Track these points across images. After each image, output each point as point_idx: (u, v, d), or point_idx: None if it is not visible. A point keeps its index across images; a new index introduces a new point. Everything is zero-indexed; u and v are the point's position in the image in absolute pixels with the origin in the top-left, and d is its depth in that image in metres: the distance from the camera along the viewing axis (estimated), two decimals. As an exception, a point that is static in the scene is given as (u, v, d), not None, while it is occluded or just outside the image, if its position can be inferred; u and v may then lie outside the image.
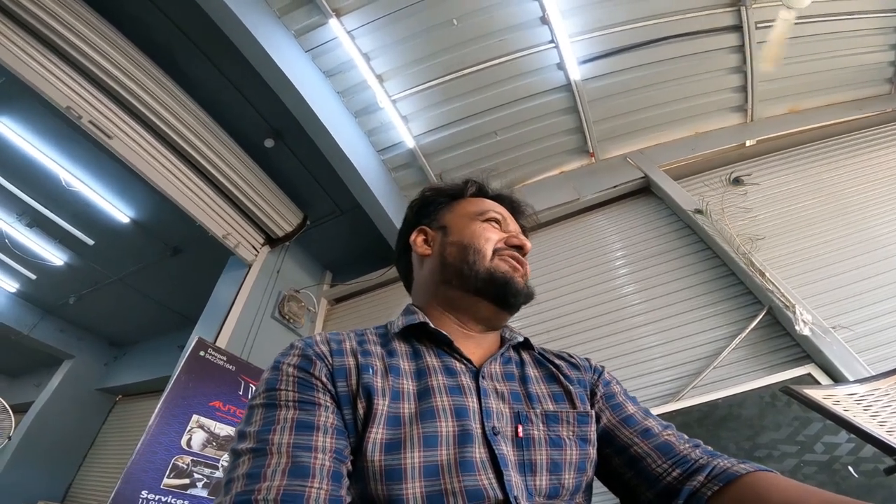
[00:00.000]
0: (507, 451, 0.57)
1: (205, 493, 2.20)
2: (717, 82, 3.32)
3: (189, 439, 2.28)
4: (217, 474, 2.28)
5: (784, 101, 3.41)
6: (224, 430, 2.44)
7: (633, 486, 0.64)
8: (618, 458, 0.66)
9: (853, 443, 1.76)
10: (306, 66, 2.97)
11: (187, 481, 2.19)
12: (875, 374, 1.69)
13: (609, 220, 3.35)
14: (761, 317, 2.41)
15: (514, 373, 0.71)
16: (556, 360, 0.77)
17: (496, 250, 0.75)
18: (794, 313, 2.25)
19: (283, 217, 3.80)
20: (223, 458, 2.35)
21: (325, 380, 0.58)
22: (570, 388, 0.71)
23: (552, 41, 3.00)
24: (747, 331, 2.39)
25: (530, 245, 0.79)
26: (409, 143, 3.48)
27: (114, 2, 2.66)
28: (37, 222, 4.08)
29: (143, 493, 2.03)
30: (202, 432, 2.36)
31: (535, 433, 0.61)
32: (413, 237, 0.85)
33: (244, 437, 0.53)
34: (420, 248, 0.82)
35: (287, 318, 3.61)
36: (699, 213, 2.85)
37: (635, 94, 3.34)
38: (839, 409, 1.15)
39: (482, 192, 0.89)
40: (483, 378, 0.65)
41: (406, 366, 0.65)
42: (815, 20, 2.98)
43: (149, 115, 2.94)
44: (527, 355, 0.77)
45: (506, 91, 3.27)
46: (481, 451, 0.56)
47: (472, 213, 0.82)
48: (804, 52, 3.14)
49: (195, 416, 2.36)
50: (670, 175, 3.25)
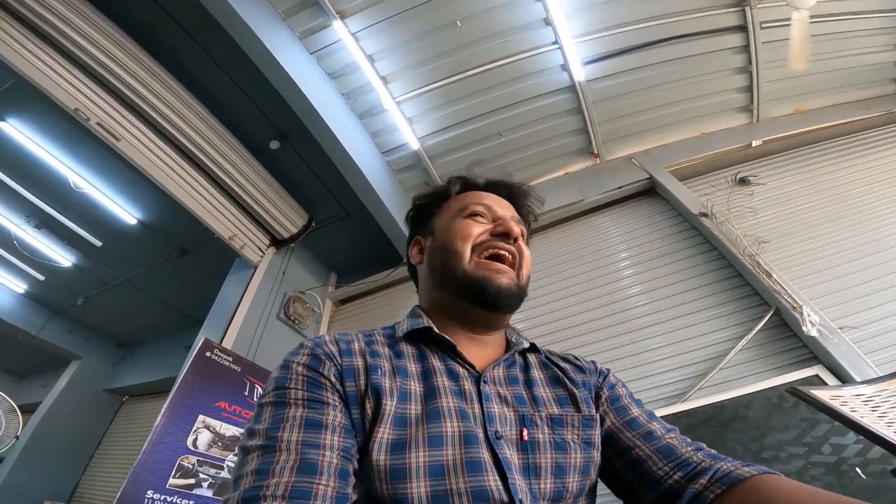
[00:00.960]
0: (510, 454, 0.58)
1: (210, 493, 2.21)
2: (723, 83, 3.31)
3: (195, 439, 2.29)
4: (223, 474, 2.29)
5: (790, 102, 3.40)
6: (230, 430, 2.45)
7: (635, 488, 0.64)
8: (620, 461, 0.66)
9: (861, 444, 1.75)
10: (311, 68, 2.99)
11: (192, 481, 2.20)
12: (883, 374, 1.67)
13: (614, 221, 3.34)
14: (768, 318, 2.39)
15: (517, 376, 0.71)
16: (562, 363, 0.77)
17: (476, 246, 0.73)
18: (802, 314, 2.23)
19: (289, 218, 3.82)
20: (228, 458, 2.35)
21: (333, 379, 0.59)
22: (576, 391, 0.71)
23: (556, 42, 3.00)
24: (754, 332, 2.38)
25: (518, 228, 0.75)
26: (414, 145, 3.49)
27: (121, 5, 2.69)
28: (45, 224, 4.12)
29: (148, 492, 2.04)
30: (208, 432, 2.36)
31: (540, 437, 0.62)
32: (410, 249, 0.87)
33: (253, 435, 0.54)
34: (414, 259, 0.84)
35: (292, 319, 3.62)
36: (704, 216, 2.83)
37: (640, 95, 3.34)
38: (847, 411, 1.14)
39: (468, 186, 0.86)
40: (485, 383, 0.65)
41: (413, 367, 0.66)
42: (821, 20, 2.96)
43: (156, 118, 2.96)
44: (532, 358, 0.77)
45: (510, 92, 3.27)
46: (485, 455, 0.56)
47: (456, 212, 0.80)
48: (810, 52, 3.12)
49: (201, 417, 2.37)
50: (676, 176, 3.24)
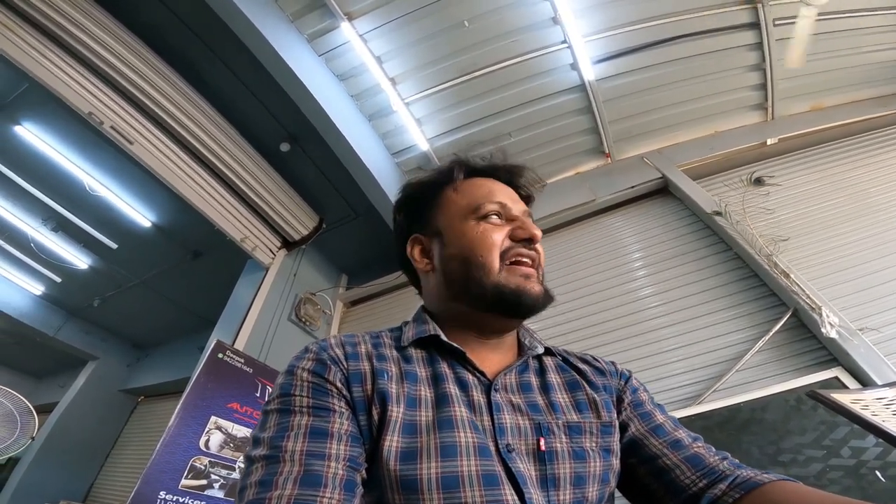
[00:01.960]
0: (524, 468, 0.56)
1: (221, 494, 2.22)
2: (736, 80, 3.25)
3: (207, 440, 2.31)
4: (234, 475, 2.30)
5: (806, 99, 3.33)
6: (241, 431, 2.46)
7: (659, 497, 0.62)
8: (643, 468, 0.64)
9: (881, 447, 1.71)
10: (320, 70, 3.00)
11: (204, 482, 2.21)
12: (906, 377, 1.63)
13: (626, 221, 3.30)
14: (786, 319, 2.34)
15: (532, 382, 0.68)
16: (580, 365, 0.74)
17: (503, 254, 0.67)
18: (821, 315, 2.18)
19: (300, 220, 3.84)
20: (240, 459, 2.37)
21: (339, 385, 0.57)
22: (595, 396, 0.68)
23: (565, 41, 2.98)
24: (771, 333, 2.33)
25: (540, 233, 0.70)
26: (424, 146, 3.49)
27: (133, 9, 2.72)
28: (62, 227, 4.20)
29: (161, 493, 2.05)
30: (220, 433, 2.38)
31: (558, 445, 0.59)
32: (409, 250, 0.77)
33: (258, 444, 0.53)
34: (420, 265, 0.75)
35: (303, 320, 3.64)
36: (718, 214, 2.79)
37: (651, 94, 3.29)
38: (867, 414, 1.11)
39: (472, 172, 0.78)
40: (496, 391, 0.62)
41: (422, 372, 0.64)
42: (837, 16, 2.90)
43: (168, 121, 3.00)
44: (549, 361, 0.73)
45: (519, 92, 3.26)
46: (499, 468, 0.54)
47: (465, 211, 0.72)
48: (826, 48, 3.06)
49: (213, 418, 2.39)
50: (689, 175, 3.18)
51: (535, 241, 0.70)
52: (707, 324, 2.54)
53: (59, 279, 4.95)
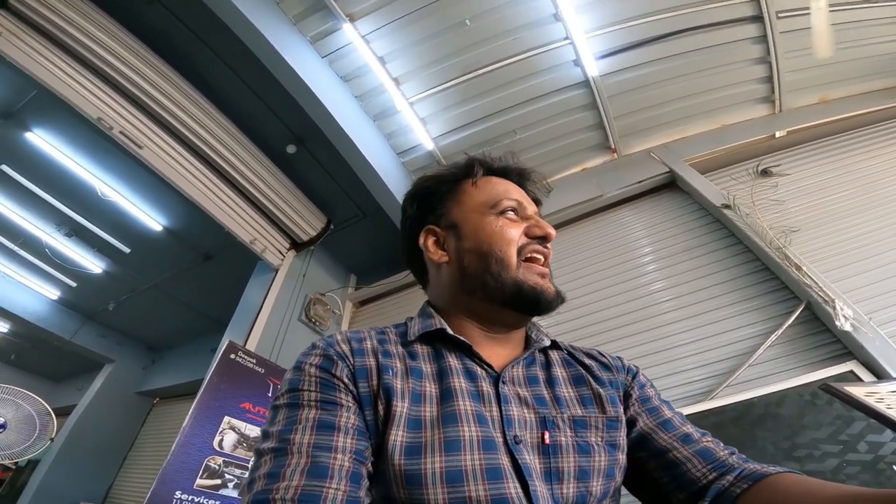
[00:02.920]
0: (530, 459, 0.56)
1: (235, 494, 2.25)
2: (741, 73, 3.20)
3: (221, 440, 2.34)
4: (247, 475, 2.33)
5: (814, 91, 3.27)
6: (254, 431, 2.49)
7: (668, 490, 0.62)
8: (654, 462, 0.64)
9: (899, 441, 1.68)
10: (324, 72, 3.01)
11: (219, 482, 2.24)
12: (922, 369, 1.60)
13: (634, 215, 3.27)
14: (799, 312, 2.31)
15: (538, 376, 0.68)
16: (587, 360, 0.75)
17: (520, 249, 0.69)
18: (834, 308, 2.14)
19: (308, 221, 3.87)
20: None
21: (346, 380, 0.58)
22: (601, 390, 0.68)
23: (567, 38, 2.96)
24: (784, 327, 2.30)
25: (554, 231, 0.73)
26: (429, 146, 3.49)
27: (139, 15, 2.76)
28: (75, 232, 4.28)
29: (177, 493, 2.09)
30: (233, 433, 2.41)
31: (563, 439, 0.60)
32: (422, 240, 0.76)
33: (267, 437, 0.54)
34: (434, 255, 0.75)
35: (313, 320, 3.67)
36: (727, 207, 2.76)
37: (656, 88, 3.26)
38: (883, 407, 1.09)
39: (488, 171, 0.79)
40: (504, 383, 0.63)
41: (428, 367, 0.64)
42: (844, 8, 2.85)
43: (176, 125, 3.04)
44: (554, 355, 0.74)
45: (523, 89, 3.24)
46: (504, 460, 0.54)
47: (483, 206, 0.73)
48: (834, 40, 3.00)
49: (226, 418, 2.42)
50: (697, 169, 3.15)
51: (550, 239, 0.73)
52: (719, 318, 2.51)
53: (74, 284, 5.04)
